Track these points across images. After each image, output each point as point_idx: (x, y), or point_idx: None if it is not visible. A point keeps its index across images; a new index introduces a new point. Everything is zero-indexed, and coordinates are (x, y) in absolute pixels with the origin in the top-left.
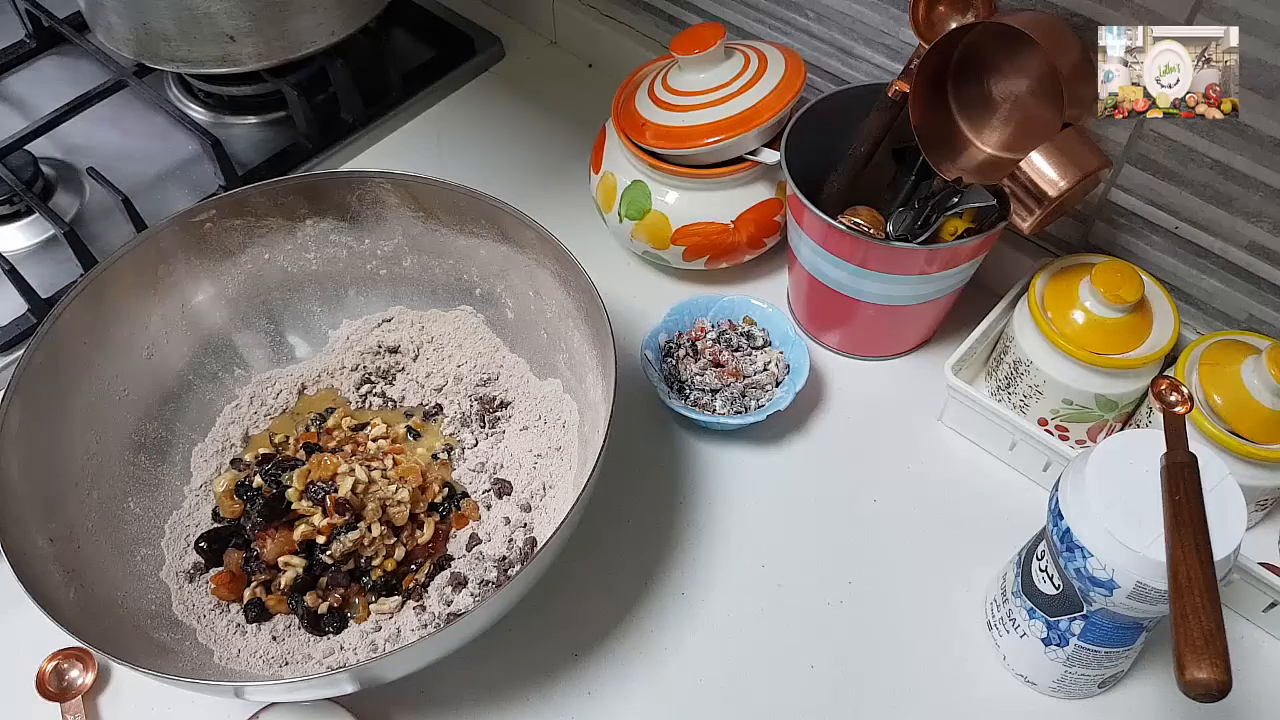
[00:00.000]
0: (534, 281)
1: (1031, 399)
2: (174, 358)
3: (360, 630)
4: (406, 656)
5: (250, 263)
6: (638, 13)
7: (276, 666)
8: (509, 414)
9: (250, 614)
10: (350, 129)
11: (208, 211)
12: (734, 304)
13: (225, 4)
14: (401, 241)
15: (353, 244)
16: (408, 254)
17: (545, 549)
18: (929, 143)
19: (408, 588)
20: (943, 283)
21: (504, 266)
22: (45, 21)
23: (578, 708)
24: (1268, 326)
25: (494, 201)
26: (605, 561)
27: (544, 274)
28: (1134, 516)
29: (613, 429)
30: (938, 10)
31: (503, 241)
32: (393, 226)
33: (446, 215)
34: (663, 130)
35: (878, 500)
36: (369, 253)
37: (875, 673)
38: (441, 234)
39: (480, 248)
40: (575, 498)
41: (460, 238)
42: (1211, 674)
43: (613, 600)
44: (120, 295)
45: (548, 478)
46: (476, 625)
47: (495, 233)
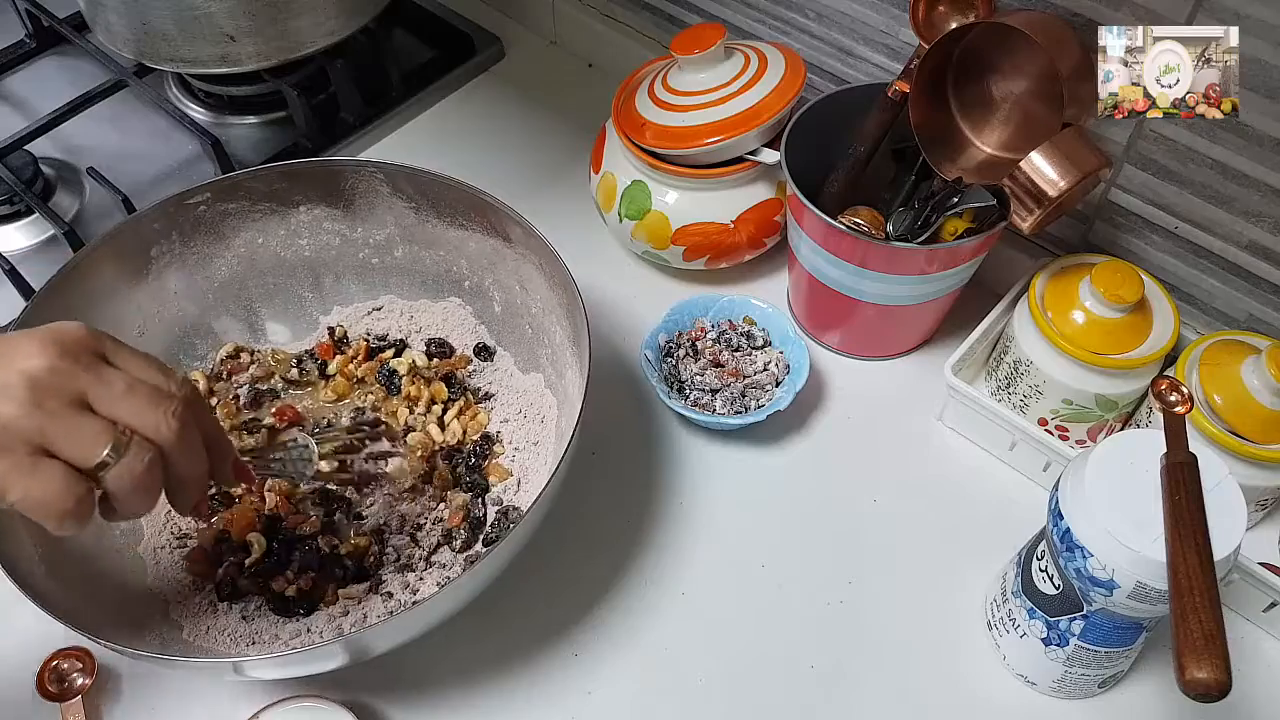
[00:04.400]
0: (520, 276)
1: (1031, 399)
2: (164, 339)
3: (328, 614)
4: (396, 626)
5: (244, 246)
6: (638, 13)
7: (243, 645)
8: (490, 406)
9: (222, 592)
10: (350, 129)
11: (202, 194)
12: (734, 304)
13: (225, 4)
14: (394, 231)
15: (346, 232)
16: (399, 244)
17: (505, 542)
18: (929, 143)
19: (374, 575)
20: (943, 283)
21: (493, 260)
22: (45, 21)
23: (578, 708)
24: (1268, 326)
25: (483, 194)
26: (605, 561)
27: (529, 268)
28: (1134, 516)
29: (585, 415)
30: (938, 10)
31: (491, 235)
32: (385, 216)
33: (438, 207)
34: (663, 130)
35: (878, 500)
36: (361, 241)
37: (875, 673)
38: (433, 225)
39: (470, 240)
40: (542, 489)
41: (451, 230)
42: (1211, 674)
43: (613, 600)
44: (110, 277)
45: (523, 472)
46: (441, 606)
47: (484, 226)
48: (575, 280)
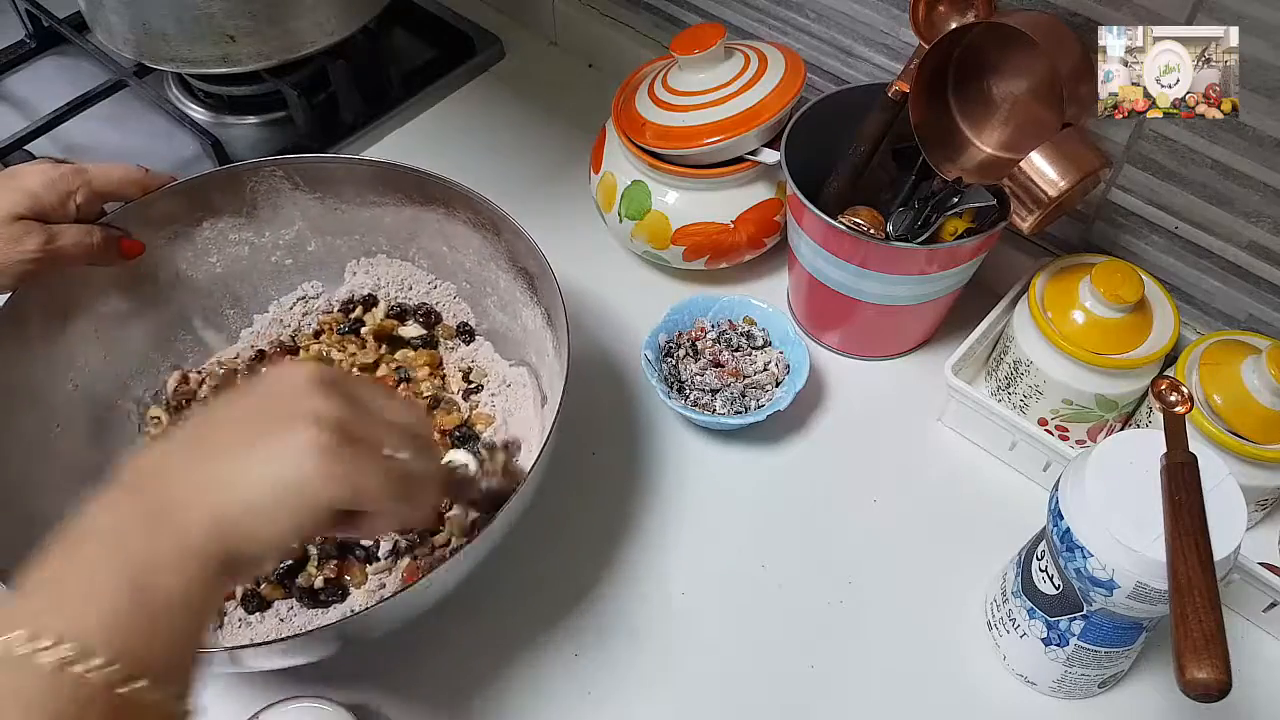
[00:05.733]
0: (446, 236)
1: (1031, 399)
2: (103, 383)
3: (365, 592)
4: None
5: (162, 272)
6: (638, 13)
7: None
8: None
9: (249, 606)
10: (350, 129)
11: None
12: (734, 304)
13: (225, 4)
14: (302, 226)
15: (253, 239)
16: (311, 238)
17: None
18: (929, 143)
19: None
20: (943, 283)
21: (413, 229)
22: (45, 21)
23: (578, 708)
24: (1268, 326)
25: (390, 165)
26: (605, 561)
27: (455, 225)
28: (1134, 516)
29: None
30: (938, 10)
31: (407, 204)
32: (290, 213)
33: (343, 190)
34: (663, 130)
35: (878, 500)
36: (270, 245)
37: (875, 673)
38: (342, 210)
39: (385, 215)
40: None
41: (363, 210)
42: (1211, 674)
43: (612, 600)
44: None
45: (507, 413)
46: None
47: (398, 197)
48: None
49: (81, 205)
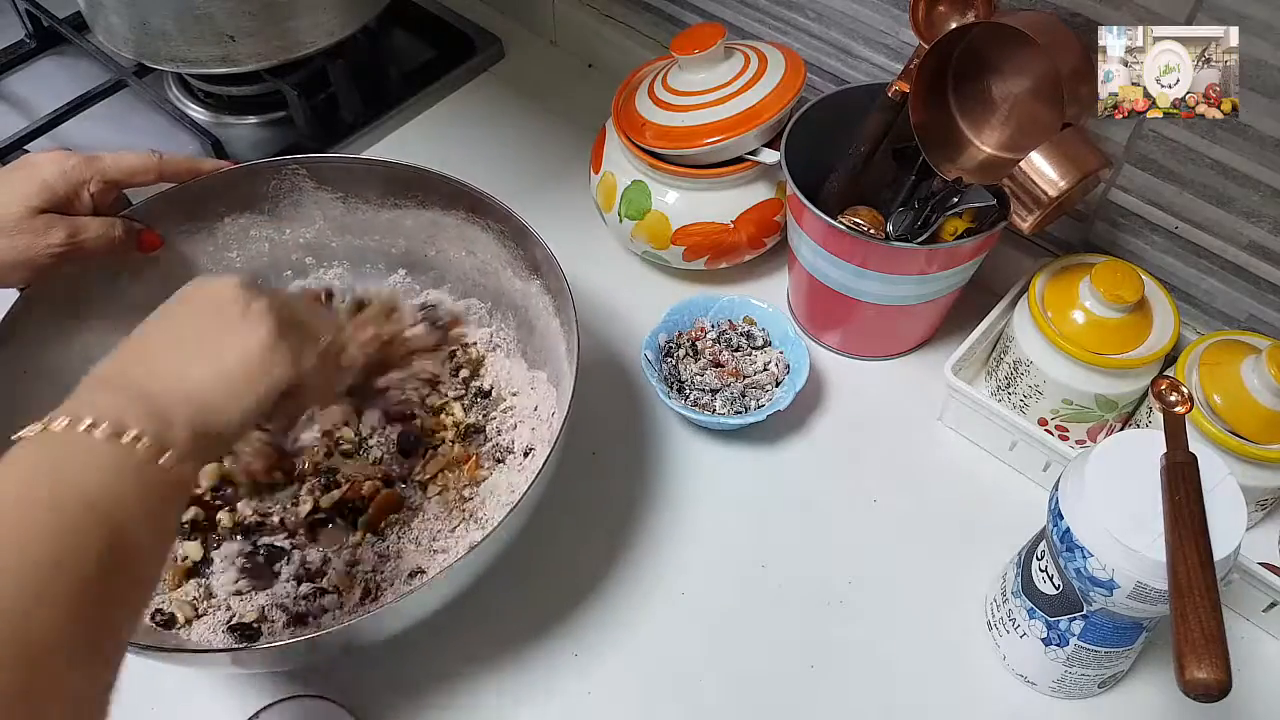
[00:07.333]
0: (466, 240)
1: (1031, 399)
2: None
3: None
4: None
5: (179, 266)
6: (638, 13)
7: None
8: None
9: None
10: (350, 129)
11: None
12: (734, 304)
13: (225, 4)
14: (323, 226)
15: (274, 235)
16: (332, 237)
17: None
18: (929, 143)
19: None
20: (943, 283)
21: (432, 232)
22: (45, 21)
23: (578, 708)
24: (1268, 326)
25: (411, 168)
26: (605, 561)
27: (474, 230)
28: (1134, 516)
29: (580, 366)
30: (938, 10)
31: (427, 207)
32: (311, 212)
33: (365, 191)
34: (663, 130)
35: (878, 500)
36: (291, 243)
37: (875, 672)
38: (363, 211)
39: (405, 218)
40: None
41: (383, 212)
42: (1211, 674)
43: (612, 600)
44: (46, 329)
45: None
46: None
47: (418, 200)
48: (526, 221)
49: (96, 195)
